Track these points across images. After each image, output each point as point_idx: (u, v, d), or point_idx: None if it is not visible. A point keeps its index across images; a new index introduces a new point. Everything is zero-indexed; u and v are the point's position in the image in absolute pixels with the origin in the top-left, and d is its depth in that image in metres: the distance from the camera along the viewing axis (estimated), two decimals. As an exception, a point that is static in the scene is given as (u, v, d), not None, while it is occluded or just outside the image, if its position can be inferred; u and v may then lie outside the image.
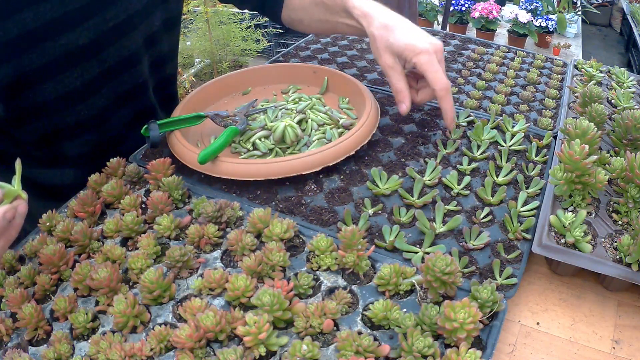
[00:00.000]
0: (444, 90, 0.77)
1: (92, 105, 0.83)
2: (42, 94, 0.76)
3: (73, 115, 0.81)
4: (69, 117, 0.81)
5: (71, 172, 0.89)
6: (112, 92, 0.85)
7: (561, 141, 0.75)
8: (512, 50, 1.23)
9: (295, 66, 1.04)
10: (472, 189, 0.75)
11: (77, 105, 0.81)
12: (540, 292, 0.65)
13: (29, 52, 0.71)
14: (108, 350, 0.51)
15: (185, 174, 0.77)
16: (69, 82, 0.77)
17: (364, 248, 0.61)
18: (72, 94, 0.78)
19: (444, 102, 0.78)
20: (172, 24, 0.95)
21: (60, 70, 0.75)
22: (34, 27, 0.70)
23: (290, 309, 0.55)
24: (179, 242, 0.66)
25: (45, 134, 0.82)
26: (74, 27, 0.73)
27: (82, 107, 0.81)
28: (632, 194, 0.67)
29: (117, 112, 0.88)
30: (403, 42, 0.78)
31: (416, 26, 0.82)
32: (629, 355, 0.58)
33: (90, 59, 0.78)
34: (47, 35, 0.71)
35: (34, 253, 0.65)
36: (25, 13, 0.68)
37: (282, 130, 0.82)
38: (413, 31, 0.80)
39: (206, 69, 3.71)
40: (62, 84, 0.77)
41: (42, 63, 0.73)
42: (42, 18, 0.70)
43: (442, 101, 0.78)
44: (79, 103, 0.81)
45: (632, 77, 1.06)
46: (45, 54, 0.72)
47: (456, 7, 3.78)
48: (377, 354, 0.51)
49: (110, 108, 0.86)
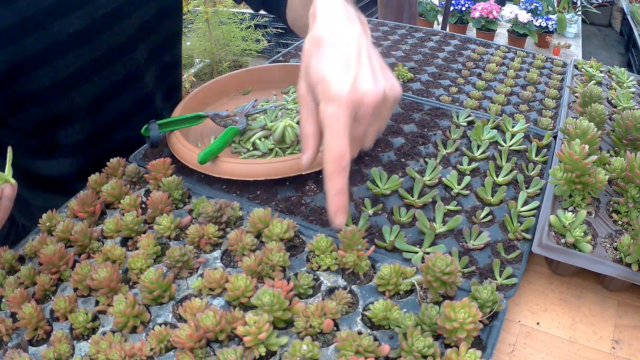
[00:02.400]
0: (331, 163, 0.50)
1: (85, 93, 0.83)
2: (36, 81, 0.76)
3: (66, 102, 0.82)
4: (62, 105, 0.82)
5: (67, 162, 0.90)
6: (105, 79, 0.85)
7: (561, 141, 0.75)
8: (512, 50, 1.23)
9: (295, 66, 1.04)
10: (472, 189, 0.75)
11: (70, 92, 0.81)
12: (540, 292, 0.65)
13: (23, 39, 0.72)
14: (108, 350, 0.51)
15: (185, 174, 0.77)
16: (62, 69, 0.78)
17: (364, 248, 0.61)
18: (65, 82, 0.79)
19: (329, 181, 0.51)
20: (170, 12, 0.95)
21: (53, 57, 0.76)
22: (29, 15, 0.71)
23: (290, 309, 0.55)
24: (179, 242, 0.66)
25: (39, 122, 0.83)
26: (67, 15, 0.74)
27: (75, 94, 0.82)
28: (632, 194, 0.67)
29: (111, 100, 0.88)
30: (320, 73, 0.52)
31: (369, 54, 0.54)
32: (629, 355, 0.58)
33: (82, 47, 0.79)
34: (41, 22, 0.72)
35: (34, 253, 0.65)
36: (20, 1, 0.70)
37: (282, 130, 0.82)
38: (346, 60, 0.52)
39: (206, 69, 3.71)
40: (55, 71, 0.77)
41: (35, 50, 0.73)
42: (37, 5, 0.71)
43: (326, 180, 0.51)
44: (72, 90, 0.81)
45: (632, 77, 1.06)
46: (38, 41, 0.73)
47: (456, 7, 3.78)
48: (377, 354, 0.51)
49: (104, 96, 0.86)
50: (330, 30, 0.54)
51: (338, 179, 0.51)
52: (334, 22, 0.55)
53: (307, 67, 0.54)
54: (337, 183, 0.51)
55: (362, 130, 0.53)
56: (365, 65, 0.52)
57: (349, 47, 0.53)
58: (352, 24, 0.55)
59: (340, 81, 0.51)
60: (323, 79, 0.51)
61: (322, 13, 0.56)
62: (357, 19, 0.57)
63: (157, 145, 0.81)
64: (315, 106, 0.53)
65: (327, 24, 0.55)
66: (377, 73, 0.53)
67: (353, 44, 0.53)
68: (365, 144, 0.56)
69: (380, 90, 0.52)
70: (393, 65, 1.11)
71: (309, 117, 0.55)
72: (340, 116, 0.50)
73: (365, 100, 0.51)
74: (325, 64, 0.52)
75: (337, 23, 0.55)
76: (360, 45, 0.54)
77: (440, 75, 1.08)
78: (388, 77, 0.54)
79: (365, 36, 0.56)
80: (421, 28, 1.37)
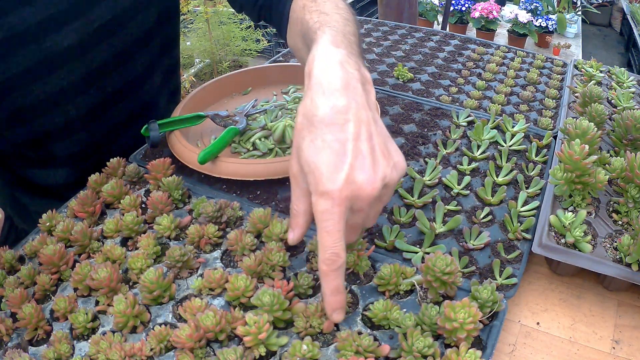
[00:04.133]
0: (324, 263, 0.48)
1: (81, 105, 0.82)
2: (30, 96, 0.76)
3: (62, 115, 0.81)
4: (57, 118, 0.81)
5: (64, 172, 0.89)
6: (101, 91, 0.84)
7: (561, 141, 0.75)
8: (512, 50, 1.23)
9: (295, 66, 1.04)
10: (472, 189, 0.75)
11: (65, 105, 0.81)
12: (540, 292, 0.65)
13: (14, 55, 0.71)
14: (108, 350, 0.51)
15: (185, 174, 0.77)
16: (56, 83, 0.77)
17: (364, 248, 0.61)
18: (59, 95, 0.78)
19: (324, 281, 0.50)
20: (169, 16, 0.93)
21: (46, 72, 0.75)
22: (19, 31, 0.70)
23: (290, 309, 0.55)
24: (179, 242, 0.66)
25: (34, 135, 0.82)
26: (60, 29, 0.73)
27: (70, 107, 0.81)
28: (632, 194, 0.67)
29: (107, 112, 0.87)
30: (312, 164, 0.48)
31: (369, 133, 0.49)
32: (628, 355, 0.58)
33: (76, 60, 0.78)
34: (32, 38, 0.71)
35: (34, 253, 0.65)
36: (10, 17, 0.69)
37: (282, 130, 0.82)
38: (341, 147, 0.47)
39: (206, 69, 3.71)
40: (49, 85, 0.77)
41: (27, 66, 0.73)
42: (26, 21, 0.70)
43: (322, 279, 0.50)
44: (67, 103, 0.81)
45: (632, 77, 1.06)
46: (31, 56, 0.72)
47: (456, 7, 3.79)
48: (377, 354, 0.51)
49: (100, 107, 0.86)
50: (326, 104, 0.49)
51: (333, 279, 0.49)
52: (331, 92, 0.49)
53: (299, 149, 0.50)
54: (333, 282, 0.49)
55: (361, 219, 0.51)
56: (363, 151, 0.48)
57: (345, 129, 0.48)
58: (352, 93, 0.50)
59: (333, 176, 0.46)
60: (315, 170, 0.47)
61: (318, 79, 0.51)
62: (358, 82, 0.51)
63: (157, 145, 0.81)
64: (307, 187, 0.50)
65: (323, 95, 0.49)
66: (377, 157, 0.49)
67: (350, 124, 0.48)
68: (367, 225, 0.54)
69: (378, 180, 0.48)
70: (393, 65, 1.11)
71: (301, 197, 0.52)
72: (334, 214, 0.47)
73: (362, 194, 0.47)
74: (317, 153, 0.48)
75: (334, 94, 0.49)
76: (360, 123, 0.48)
77: (440, 75, 1.08)
78: (390, 157, 0.50)
79: (368, 106, 0.50)
80: (421, 28, 1.37)
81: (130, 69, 0.87)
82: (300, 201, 0.52)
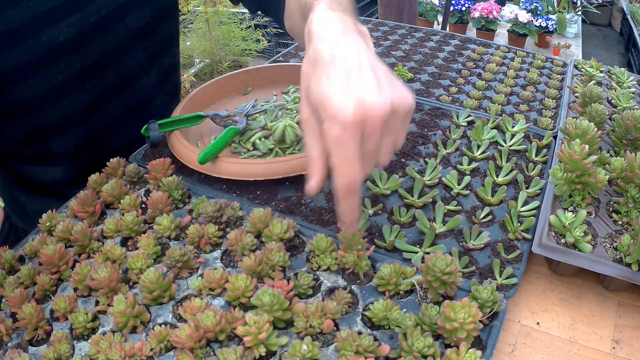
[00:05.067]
0: (342, 188, 0.51)
1: (77, 100, 0.83)
2: (26, 91, 0.76)
3: (58, 110, 0.81)
4: (54, 113, 0.81)
5: (61, 169, 0.89)
6: (96, 86, 0.84)
7: (561, 141, 0.75)
8: (512, 50, 1.23)
9: (295, 66, 1.04)
10: (472, 189, 0.75)
11: (62, 100, 0.81)
12: (540, 292, 0.65)
13: (11, 49, 0.71)
14: (108, 350, 0.51)
15: (185, 174, 0.77)
16: (53, 77, 0.77)
17: (364, 248, 0.61)
18: (55, 90, 0.79)
19: (341, 204, 0.53)
20: (166, 15, 0.94)
21: (42, 66, 0.75)
22: (16, 25, 0.70)
23: (290, 309, 0.55)
24: (179, 242, 0.66)
25: (31, 131, 0.82)
26: (56, 24, 0.74)
27: (67, 102, 0.81)
28: (632, 194, 0.67)
29: (104, 107, 0.87)
30: (321, 94, 0.50)
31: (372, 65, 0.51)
32: (629, 355, 0.58)
33: (73, 54, 0.78)
34: (29, 32, 0.72)
35: (34, 253, 0.65)
36: (7, 11, 0.69)
37: (282, 130, 0.82)
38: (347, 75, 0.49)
39: (206, 69, 3.71)
40: (46, 80, 0.77)
41: (24, 60, 0.73)
42: (23, 16, 0.70)
43: (339, 202, 0.53)
44: (63, 98, 0.81)
45: (632, 77, 1.06)
46: (27, 51, 0.73)
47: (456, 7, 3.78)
48: (377, 354, 0.51)
49: (96, 103, 0.86)
50: (327, 47, 0.52)
51: (350, 201, 0.52)
52: (330, 38, 0.53)
53: (307, 90, 0.52)
54: (349, 204, 0.52)
55: (373, 146, 0.50)
56: (368, 77, 0.49)
57: (347, 61, 0.50)
58: (349, 37, 0.53)
59: (342, 99, 0.48)
60: (324, 99, 0.49)
61: (317, 31, 0.54)
62: (355, 32, 0.54)
63: (157, 145, 0.81)
64: (320, 129, 0.51)
65: (323, 41, 0.52)
66: (383, 84, 0.49)
67: (352, 57, 0.50)
68: (380, 160, 0.53)
69: (386, 102, 0.48)
70: (393, 65, 1.11)
71: (314, 141, 0.53)
72: (347, 138, 0.48)
73: (371, 115, 0.48)
74: (325, 83, 0.49)
75: (333, 39, 0.52)
76: (361, 57, 0.51)
77: (440, 75, 1.08)
78: (396, 87, 0.51)
79: (367, 47, 0.53)
80: (421, 28, 1.37)
81: (127, 65, 0.87)
82: (315, 146, 0.53)
